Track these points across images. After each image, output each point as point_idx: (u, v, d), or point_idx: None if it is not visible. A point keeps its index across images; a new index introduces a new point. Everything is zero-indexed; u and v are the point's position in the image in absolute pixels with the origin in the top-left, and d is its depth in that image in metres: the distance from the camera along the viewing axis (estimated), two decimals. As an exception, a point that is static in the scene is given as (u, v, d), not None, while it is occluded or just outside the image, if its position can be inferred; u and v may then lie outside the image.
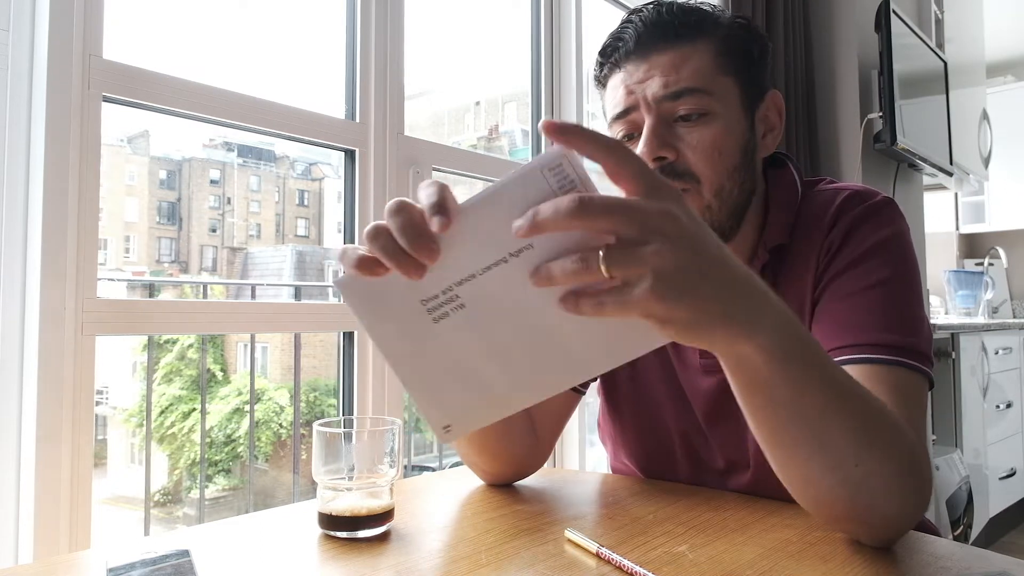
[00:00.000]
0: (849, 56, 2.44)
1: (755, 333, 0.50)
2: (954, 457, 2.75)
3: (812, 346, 0.55)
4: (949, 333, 2.90)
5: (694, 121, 0.77)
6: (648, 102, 0.78)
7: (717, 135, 0.78)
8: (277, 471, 4.56)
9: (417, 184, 1.58)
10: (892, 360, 0.70)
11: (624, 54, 0.80)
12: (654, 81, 0.77)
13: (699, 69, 0.78)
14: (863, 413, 0.58)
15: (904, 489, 0.60)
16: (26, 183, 1.06)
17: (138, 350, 4.21)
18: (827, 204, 0.82)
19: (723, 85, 0.79)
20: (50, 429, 1.03)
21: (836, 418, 0.56)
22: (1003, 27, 3.89)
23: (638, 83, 0.78)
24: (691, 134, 0.77)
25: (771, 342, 0.51)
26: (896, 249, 0.77)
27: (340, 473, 0.68)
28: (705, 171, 0.77)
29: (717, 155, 0.78)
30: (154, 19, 1.60)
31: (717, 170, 0.78)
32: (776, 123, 0.85)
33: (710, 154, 0.77)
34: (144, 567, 0.57)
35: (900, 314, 0.73)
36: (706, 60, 0.78)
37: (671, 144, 0.77)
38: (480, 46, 2.45)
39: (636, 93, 0.78)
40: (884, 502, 0.60)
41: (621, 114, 0.80)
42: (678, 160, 0.77)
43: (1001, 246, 4.15)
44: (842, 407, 0.56)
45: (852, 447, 0.57)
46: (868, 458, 0.57)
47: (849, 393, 0.57)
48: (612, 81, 0.82)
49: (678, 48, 0.78)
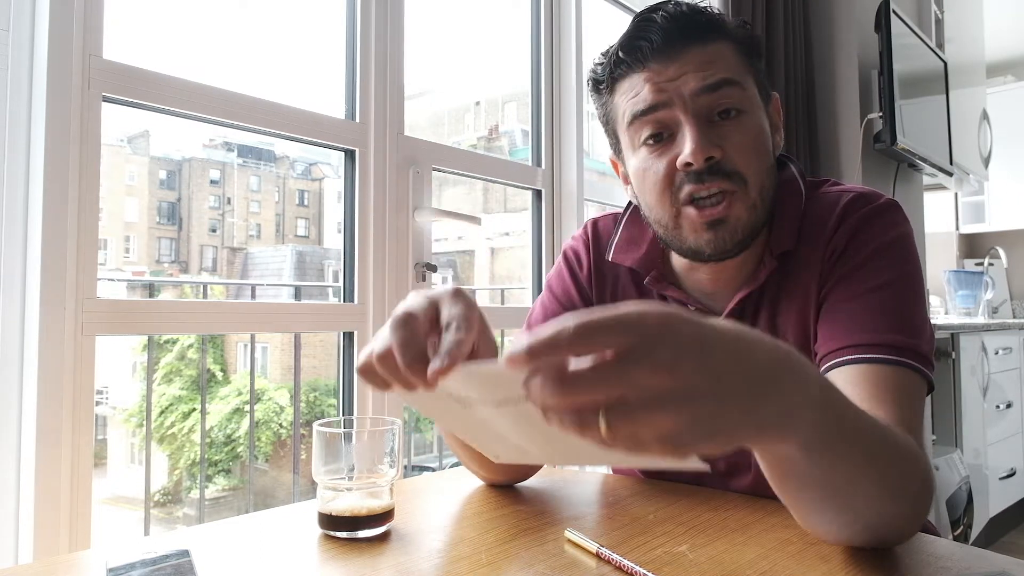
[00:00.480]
0: (849, 56, 2.44)
1: (793, 432, 0.46)
2: (954, 457, 2.75)
3: (847, 417, 0.52)
4: (949, 333, 2.90)
5: (733, 118, 0.77)
6: (685, 99, 0.76)
7: (756, 132, 0.78)
8: (277, 471, 4.56)
9: (416, 184, 1.58)
10: (894, 360, 0.70)
11: (650, 52, 0.77)
12: (689, 77, 0.76)
13: (730, 64, 0.78)
14: (887, 465, 0.56)
15: (916, 514, 0.61)
16: (26, 183, 1.06)
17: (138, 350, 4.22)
18: (832, 206, 0.81)
19: (749, 82, 0.79)
20: (50, 429, 1.03)
21: (864, 481, 0.55)
22: (1003, 27, 3.89)
23: (669, 80, 0.76)
24: (733, 132, 0.77)
25: (810, 435, 0.47)
26: (900, 251, 0.77)
27: (340, 473, 0.68)
28: (749, 170, 0.77)
29: (756, 153, 0.78)
30: (154, 19, 1.60)
31: (759, 168, 0.78)
32: (779, 125, 0.86)
33: (752, 152, 0.77)
34: (144, 567, 0.57)
35: (903, 315, 0.73)
36: (733, 57, 0.78)
37: (717, 143, 0.76)
38: (480, 46, 2.45)
39: (667, 90, 0.76)
40: (898, 531, 0.61)
41: (647, 111, 0.78)
42: (724, 159, 0.76)
43: (1001, 246, 4.15)
44: (870, 469, 0.54)
45: (876, 502, 0.57)
46: (890, 505, 0.58)
47: (876, 451, 0.55)
48: (629, 81, 0.80)
49: (707, 45, 0.77)
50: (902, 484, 0.58)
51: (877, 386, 0.69)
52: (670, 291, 0.87)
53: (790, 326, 0.81)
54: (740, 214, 0.77)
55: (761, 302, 0.84)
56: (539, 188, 1.94)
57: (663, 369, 0.38)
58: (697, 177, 0.76)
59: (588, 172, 2.01)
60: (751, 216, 0.78)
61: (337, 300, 1.56)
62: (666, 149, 0.78)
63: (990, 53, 3.77)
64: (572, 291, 0.94)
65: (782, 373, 0.44)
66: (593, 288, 0.94)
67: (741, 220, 0.77)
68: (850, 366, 0.71)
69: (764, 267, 0.82)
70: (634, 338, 0.38)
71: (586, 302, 0.94)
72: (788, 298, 0.82)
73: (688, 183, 0.76)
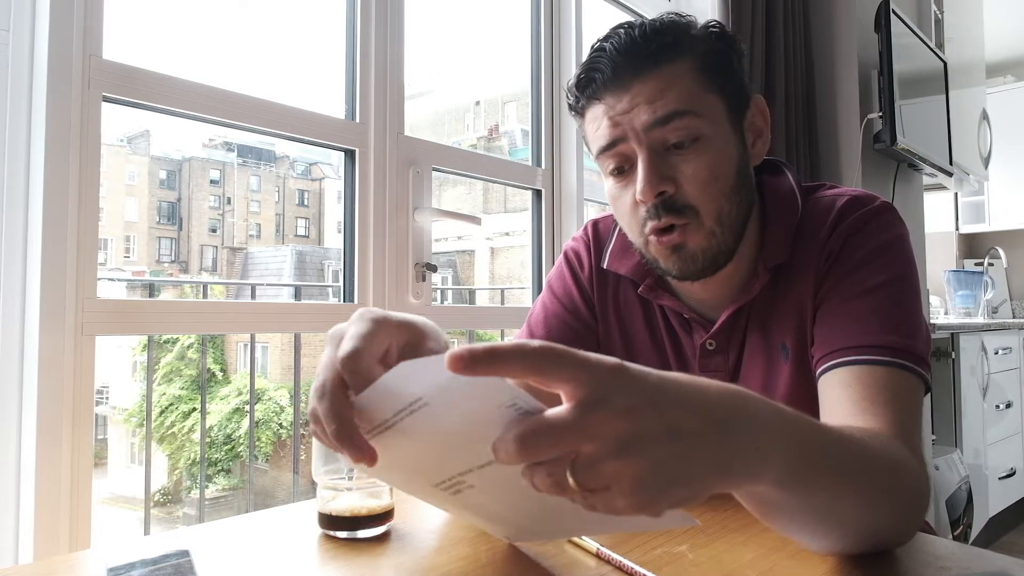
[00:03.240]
0: (849, 56, 2.44)
1: (764, 470, 0.45)
2: (954, 457, 2.75)
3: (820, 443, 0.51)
4: (949, 333, 2.90)
5: (687, 148, 0.76)
6: (638, 133, 0.75)
7: (712, 161, 0.76)
8: (277, 471, 4.56)
9: (416, 184, 1.58)
10: (890, 362, 0.70)
11: (602, 85, 0.77)
12: (640, 110, 0.75)
13: (684, 91, 0.75)
14: (870, 482, 0.55)
15: (910, 522, 0.61)
16: (26, 183, 1.06)
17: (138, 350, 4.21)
18: (826, 211, 0.81)
19: (709, 103, 0.77)
20: (50, 429, 1.03)
21: (846, 503, 0.54)
22: (1003, 27, 3.89)
23: (622, 114, 0.76)
24: (687, 164, 0.76)
25: (782, 471, 0.46)
26: (896, 253, 0.77)
27: (340, 473, 0.68)
28: (703, 201, 0.76)
29: (714, 182, 0.76)
30: (154, 19, 1.60)
31: (714, 197, 0.77)
32: (763, 128, 0.84)
33: (707, 182, 0.76)
34: (144, 567, 0.57)
35: (899, 317, 0.73)
36: (688, 81, 0.76)
37: (669, 176, 0.76)
38: (480, 46, 2.45)
39: (623, 124, 0.76)
40: (892, 539, 0.61)
41: (608, 146, 0.78)
42: (677, 193, 0.76)
43: (1001, 246, 4.15)
44: (850, 490, 0.54)
45: (864, 518, 0.56)
46: (880, 518, 0.57)
47: (856, 471, 0.54)
48: (592, 112, 0.79)
49: (659, 73, 0.75)
50: (886, 497, 0.57)
51: (872, 388, 0.69)
52: (665, 300, 0.87)
53: (787, 335, 0.81)
54: (697, 241, 0.77)
55: (755, 312, 0.83)
56: (539, 188, 1.94)
57: (619, 415, 0.38)
58: (654, 211, 0.77)
59: (588, 172, 2.01)
60: (711, 242, 0.78)
61: (337, 300, 1.56)
62: (629, 181, 0.78)
63: (990, 53, 3.77)
64: (573, 291, 0.94)
65: (740, 412, 0.43)
66: (594, 289, 0.93)
67: (699, 246, 0.78)
68: (845, 368, 0.71)
69: (757, 279, 0.81)
70: (589, 381, 0.38)
71: (587, 303, 0.94)
72: (783, 307, 0.82)
73: (648, 218, 0.78)
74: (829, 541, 0.58)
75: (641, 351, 0.91)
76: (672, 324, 0.89)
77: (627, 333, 0.92)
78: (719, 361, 0.85)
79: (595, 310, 0.93)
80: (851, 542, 0.58)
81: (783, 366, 0.81)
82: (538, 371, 0.38)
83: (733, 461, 0.43)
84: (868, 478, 0.55)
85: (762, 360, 0.83)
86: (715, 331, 0.84)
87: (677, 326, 0.88)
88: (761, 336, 0.83)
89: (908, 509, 0.60)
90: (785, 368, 0.81)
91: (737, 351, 0.85)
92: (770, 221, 0.84)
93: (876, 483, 0.56)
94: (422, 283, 1.57)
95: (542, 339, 0.91)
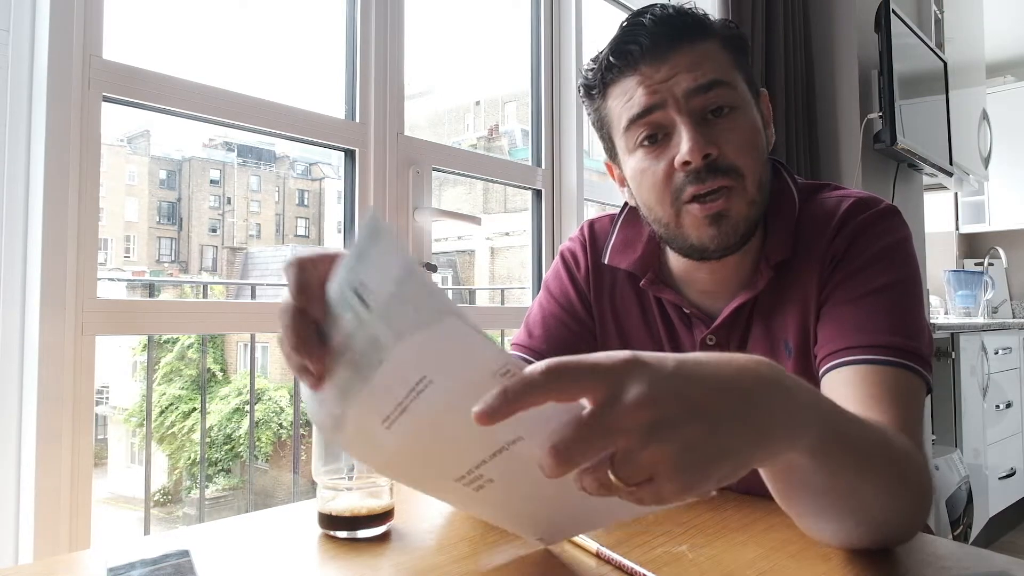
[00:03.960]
0: (849, 56, 2.44)
1: (801, 435, 0.46)
2: (954, 457, 2.75)
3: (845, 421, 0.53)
4: (949, 333, 2.90)
5: (726, 115, 0.77)
6: (679, 99, 0.76)
7: (749, 128, 0.78)
8: (277, 471, 4.56)
9: (416, 184, 1.58)
10: (893, 362, 0.70)
11: (639, 56, 0.78)
12: (680, 78, 0.76)
13: (720, 64, 0.78)
14: (886, 468, 0.57)
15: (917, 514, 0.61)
16: (26, 183, 1.06)
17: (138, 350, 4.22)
18: (831, 212, 0.81)
19: (738, 81, 0.80)
20: (50, 429, 1.03)
21: (865, 485, 0.55)
22: (1003, 27, 3.89)
23: (661, 83, 0.77)
24: (728, 130, 0.77)
25: (815, 440, 0.47)
26: (900, 255, 0.77)
27: (340, 473, 0.68)
28: (746, 164, 0.77)
29: (752, 149, 0.78)
30: (154, 19, 1.60)
31: (756, 163, 0.78)
32: (770, 119, 0.86)
33: (748, 148, 0.77)
34: (144, 567, 0.57)
35: (902, 318, 0.73)
36: (722, 56, 0.79)
37: (713, 141, 0.76)
38: (480, 46, 2.45)
39: (661, 92, 0.77)
40: (900, 529, 0.61)
41: (642, 114, 0.78)
42: (720, 156, 0.76)
43: (1001, 246, 4.15)
44: (870, 473, 0.55)
45: (877, 504, 0.57)
46: (890, 506, 0.58)
47: (875, 454, 0.55)
48: (622, 85, 0.80)
49: (695, 46, 0.78)
50: (901, 485, 0.58)
51: (876, 387, 0.69)
52: (666, 294, 0.88)
53: (790, 333, 0.81)
54: (740, 208, 0.77)
55: (757, 309, 0.84)
56: (539, 188, 1.94)
57: (639, 405, 0.39)
58: (696, 176, 0.76)
59: (588, 172, 2.01)
60: (750, 211, 0.78)
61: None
62: (663, 150, 0.78)
63: (990, 53, 3.77)
64: (570, 292, 0.94)
65: (763, 382, 0.44)
66: (591, 289, 0.94)
67: (741, 214, 0.78)
68: (849, 367, 0.71)
69: (761, 276, 0.82)
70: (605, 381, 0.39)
71: (584, 302, 0.94)
72: (786, 305, 0.82)
73: (688, 183, 0.77)
74: (840, 529, 0.58)
75: (638, 349, 0.91)
76: (671, 320, 0.89)
77: (624, 331, 0.92)
78: None
79: (592, 309, 0.93)
80: (864, 531, 0.58)
81: (785, 363, 0.81)
82: (556, 392, 0.39)
83: (768, 429, 0.43)
84: (886, 461, 0.56)
85: (764, 357, 0.83)
86: (716, 326, 0.84)
87: (677, 321, 0.88)
88: (763, 333, 0.83)
89: (917, 499, 0.60)
90: (787, 365, 0.81)
91: (738, 347, 0.85)
92: (771, 218, 0.84)
93: (893, 467, 0.57)
94: (422, 283, 1.57)
95: (540, 339, 0.92)
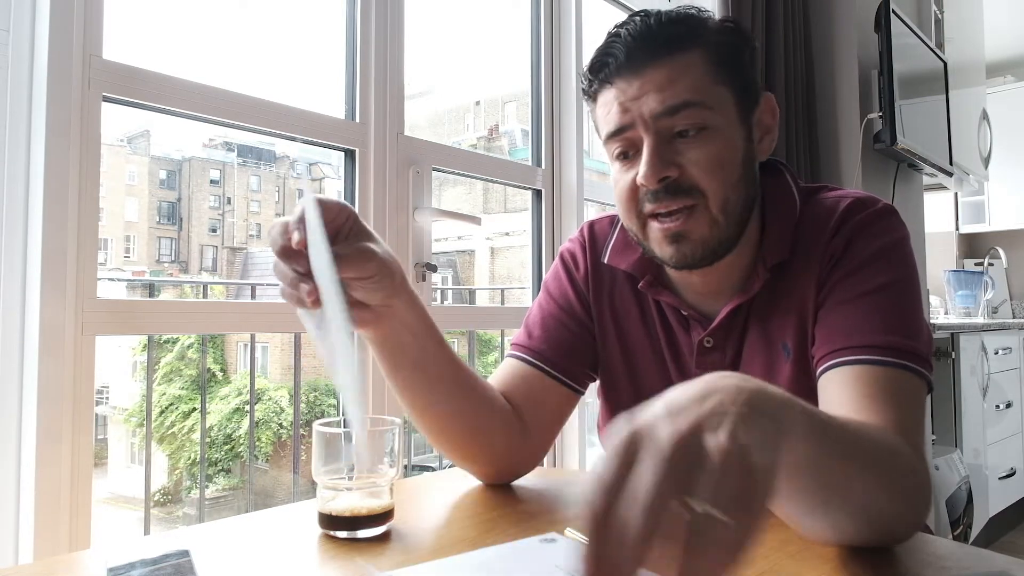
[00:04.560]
0: (849, 56, 2.44)
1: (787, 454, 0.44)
2: (954, 457, 2.75)
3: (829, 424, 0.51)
4: (949, 333, 2.90)
5: (693, 136, 0.76)
6: (646, 120, 0.76)
7: (718, 148, 0.77)
8: (277, 471, 4.56)
9: (416, 184, 1.58)
10: (892, 362, 0.70)
11: (615, 70, 0.78)
12: (649, 98, 0.76)
13: (694, 82, 0.76)
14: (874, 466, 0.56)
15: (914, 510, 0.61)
16: (26, 183, 1.06)
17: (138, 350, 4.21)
18: (829, 212, 0.81)
19: (719, 95, 0.77)
20: (50, 429, 1.03)
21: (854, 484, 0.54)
22: (1003, 27, 3.89)
23: (632, 100, 0.77)
24: (692, 150, 0.76)
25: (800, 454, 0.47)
26: (898, 255, 0.77)
27: (340, 473, 0.68)
28: (710, 185, 0.76)
29: (719, 169, 0.77)
30: (154, 19, 1.60)
31: (720, 184, 0.77)
32: (771, 126, 0.84)
33: (713, 168, 0.76)
34: (144, 567, 0.57)
35: (901, 318, 0.73)
36: (700, 72, 0.77)
37: (674, 162, 0.76)
38: (480, 46, 2.45)
39: (632, 111, 0.77)
40: (896, 530, 0.61)
41: (616, 132, 0.79)
42: (682, 176, 0.76)
43: (1001, 246, 4.15)
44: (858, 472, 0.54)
45: (869, 502, 0.57)
46: (885, 504, 0.58)
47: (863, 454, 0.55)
48: (603, 97, 0.80)
49: (671, 61, 0.76)
50: (893, 483, 0.58)
51: (874, 387, 0.69)
52: (664, 296, 0.88)
53: (788, 334, 0.81)
54: (700, 229, 0.77)
55: (755, 311, 0.83)
56: (539, 188, 1.94)
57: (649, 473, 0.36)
58: (655, 196, 0.77)
59: (588, 172, 2.01)
60: (713, 231, 0.78)
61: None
62: (632, 165, 0.79)
63: (990, 53, 3.77)
64: (569, 292, 0.94)
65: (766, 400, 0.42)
66: (590, 290, 0.94)
67: (702, 235, 0.77)
68: (847, 367, 0.71)
69: (757, 277, 0.82)
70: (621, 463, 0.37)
71: (583, 303, 0.94)
72: (784, 306, 0.82)
73: (648, 201, 0.78)
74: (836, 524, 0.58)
75: (637, 350, 0.91)
76: (669, 322, 0.89)
77: (623, 332, 0.92)
78: (717, 358, 0.85)
79: (591, 310, 0.93)
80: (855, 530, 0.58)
81: (784, 365, 0.81)
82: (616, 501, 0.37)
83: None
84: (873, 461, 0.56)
85: (762, 359, 0.83)
86: (713, 328, 0.84)
87: (675, 323, 0.88)
88: (761, 335, 0.83)
89: (910, 495, 0.60)
90: (786, 367, 0.81)
91: (735, 349, 0.85)
92: (769, 219, 0.84)
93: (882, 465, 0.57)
94: (422, 283, 1.57)
95: (540, 340, 0.92)
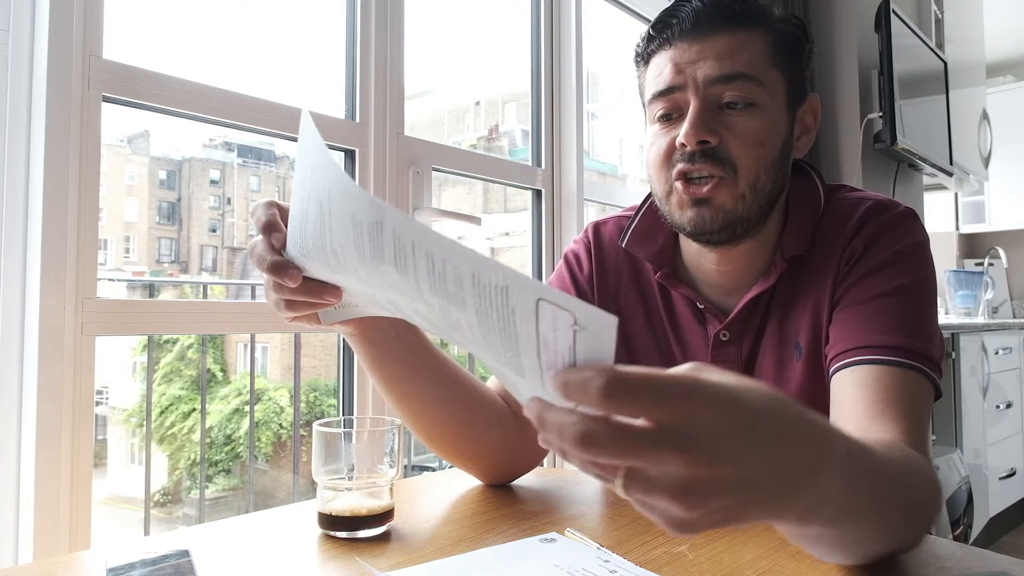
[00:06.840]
0: (849, 56, 2.44)
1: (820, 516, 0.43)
2: (954, 457, 2.74)
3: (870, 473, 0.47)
4: (949, 333, 2.90)
5: (740, 109, 0.77)
6: (697, 83, 0.77)
7: (761, 126, 0.77)
8: (277, 471, 4.56)
9: (416, 184, 1.58)
10: (905, 363, 0.70)
11: (678, 32, 0.78)
12: (707, 63, 0.76)
13: (754, 57, 0.77)
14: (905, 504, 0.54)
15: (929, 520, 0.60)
16: (26, 183, 1.06)
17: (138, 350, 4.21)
18: (849, 212, 0.82)
19: (773, 78, 0.78)
20: (50, 429, 1.03)
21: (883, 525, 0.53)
22: (1003, 27, 3.89)
23: (689, 63, 0.77)
24: (736, 122, 0.77)
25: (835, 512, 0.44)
26: (916, 258, 0.78)
27: (340, 473, 0.68)
28: (744, 160, 0.77)
29: (759, 146, 0.77)
30: (154, 19, 1.60)
31: (756, 161, 0.77)
32: (812, 126, 0.85)
33: (752, 144, 0.77)
34: (144, 567, 0.57)
35: (915, 321, 0.73)
36: (760, 50, 0.78)
37: (715, 130, 0.76)
38: (480, 46, 2.45)
39: (686, 72, 0.77)
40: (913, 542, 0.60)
41: (664, 92, 0.79)
42: (720, 145, 0.76)
43: (1001, 246, 4.15)
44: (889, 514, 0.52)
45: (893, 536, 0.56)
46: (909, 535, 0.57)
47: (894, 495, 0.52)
48: (659, 58, 0.80)
49: (735, 33, 0.77)
50: (917, 514, 0.57)
51: (886, 389, 0.69)
52: (681, 288, 0.87)
53: (801, 333, 0.81)
54: (725, 200, 0.77)
55: (772, 304, 0.84)
56: (539, 188, 1.94)
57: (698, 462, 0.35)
58: (689, 157, 0.77)
59: (588, 172, 2.01)
60: (737, 205, 0.78)
61: (337, 300, 1.55)
62: (673, 127, 0.79)
63: (990, 53, 3.77)
64: (572, 293, 0.94)
65: (821, 463, 0.40)
66: (595, 290, 0.94)
67: (725, 206, 0.77)
68: (862, 367, 0.71)
69: (775, 268, 0.82)
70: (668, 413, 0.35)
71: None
72: (801, 302, 0.82)
73: (681, 161, 0.78)
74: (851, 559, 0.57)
75: (641, 351, 0.91)
76: (679, 319, 0.89)
77: (627, 334, 0.92)
78: (732, 352, 0.85)
79: None
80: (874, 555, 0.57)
81: (795, 365, 0.82)
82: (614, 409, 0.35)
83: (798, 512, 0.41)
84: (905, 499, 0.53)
85: (775, 355, 0.83)
86: (730, 320, 0.84)
87: (689, 318, 0.88)
88: (776, 332, 0.83)
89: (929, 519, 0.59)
90: (797, 367, 0.81)
91: (751, 343, 0.85)
92: (792, 213, 0.84)
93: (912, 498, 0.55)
94: (422, 283, 1.57)
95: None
